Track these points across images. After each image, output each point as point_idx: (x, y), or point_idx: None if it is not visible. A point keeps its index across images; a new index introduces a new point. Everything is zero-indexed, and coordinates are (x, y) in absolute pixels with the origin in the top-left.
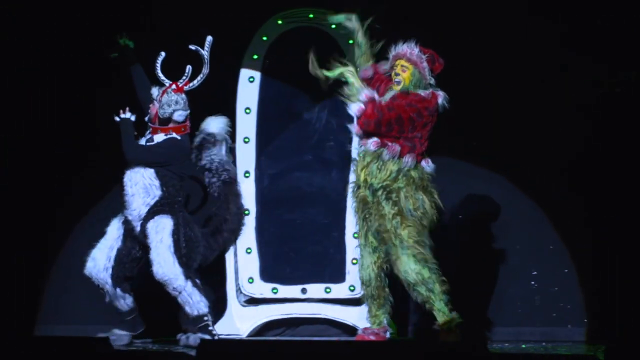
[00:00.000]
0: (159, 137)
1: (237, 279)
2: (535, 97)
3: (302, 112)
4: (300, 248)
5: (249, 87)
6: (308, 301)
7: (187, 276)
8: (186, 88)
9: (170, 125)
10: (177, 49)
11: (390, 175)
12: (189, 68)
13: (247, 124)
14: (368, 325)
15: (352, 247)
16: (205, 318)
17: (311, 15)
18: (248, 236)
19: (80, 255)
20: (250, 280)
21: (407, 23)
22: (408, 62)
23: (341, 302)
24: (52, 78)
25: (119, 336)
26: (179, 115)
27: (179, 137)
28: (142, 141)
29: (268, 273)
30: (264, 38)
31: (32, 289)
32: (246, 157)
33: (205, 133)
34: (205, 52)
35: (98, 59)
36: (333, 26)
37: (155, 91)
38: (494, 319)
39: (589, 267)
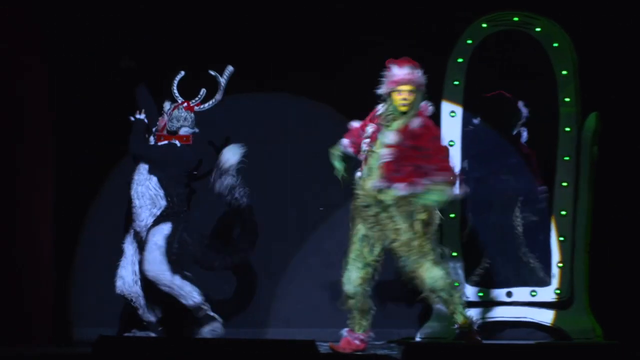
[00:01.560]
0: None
1: None
2: None
3: (506, 114)
4: (506, 251)
5: (454, 91)
6: (514, 305)
7: (175, 271)
8: (196, 109)
9: (174, 136)
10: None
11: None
12: (203, 91)
13: (452, 127)
14: (356, 330)
15: (557, 250)
16: (204, 307)
17: (516, 19)
18: (453, 240)
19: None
20: (456, 284)
21: None
22: (414, 86)
23: (547, 306)
24: (52, 78)
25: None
26: (185, 131)
27: (178, 144)
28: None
29: (474, 277)
30: (469, 41)
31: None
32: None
33: (218, 160)
34: (222, 80)
35: (98, 59)
36: (538, 29)
37: (167, 105)
38: None
39: None
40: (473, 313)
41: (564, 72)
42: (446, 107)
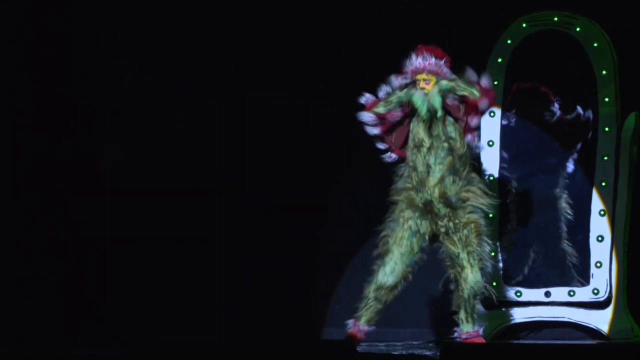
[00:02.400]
0: None
1: None
2: None
3: (545, 114)
4: (544, 251)
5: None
6: (551, 304)
7: None
8: None
9: None
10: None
11: (464, 185)
12: None
13: (491, 127)
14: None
15: (595, 250)
16: None
17: (556, 19)
18: (492, 240)
19: None
20: (495, 284)
21: None
22: (429, 75)
23: (585, 306)
24: (51, 78)
25: None
26: None
27: None
28: None
29: (512, 276)
30: (509, 41)
31: None
32: (490, 160)
33: None
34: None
35: (98, 59)
36: (578, 29)
37: None
38: None
39: None
40: (511, 313)
41: (604, 72)
42: None
